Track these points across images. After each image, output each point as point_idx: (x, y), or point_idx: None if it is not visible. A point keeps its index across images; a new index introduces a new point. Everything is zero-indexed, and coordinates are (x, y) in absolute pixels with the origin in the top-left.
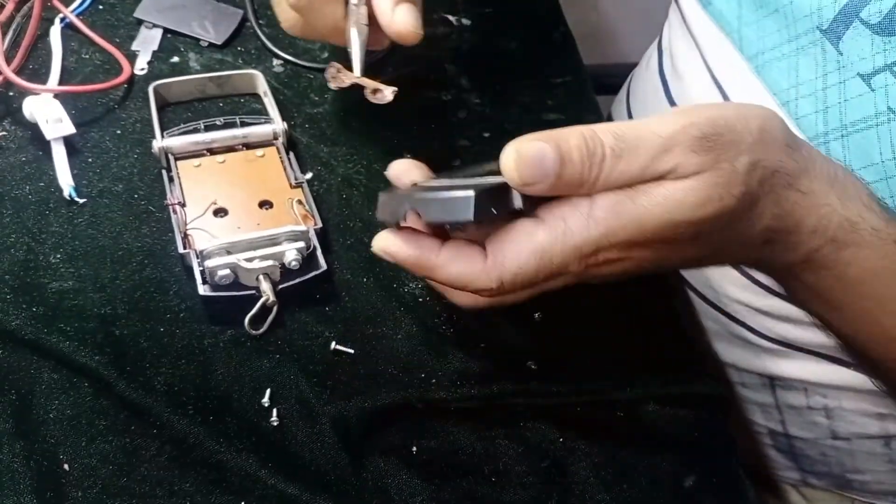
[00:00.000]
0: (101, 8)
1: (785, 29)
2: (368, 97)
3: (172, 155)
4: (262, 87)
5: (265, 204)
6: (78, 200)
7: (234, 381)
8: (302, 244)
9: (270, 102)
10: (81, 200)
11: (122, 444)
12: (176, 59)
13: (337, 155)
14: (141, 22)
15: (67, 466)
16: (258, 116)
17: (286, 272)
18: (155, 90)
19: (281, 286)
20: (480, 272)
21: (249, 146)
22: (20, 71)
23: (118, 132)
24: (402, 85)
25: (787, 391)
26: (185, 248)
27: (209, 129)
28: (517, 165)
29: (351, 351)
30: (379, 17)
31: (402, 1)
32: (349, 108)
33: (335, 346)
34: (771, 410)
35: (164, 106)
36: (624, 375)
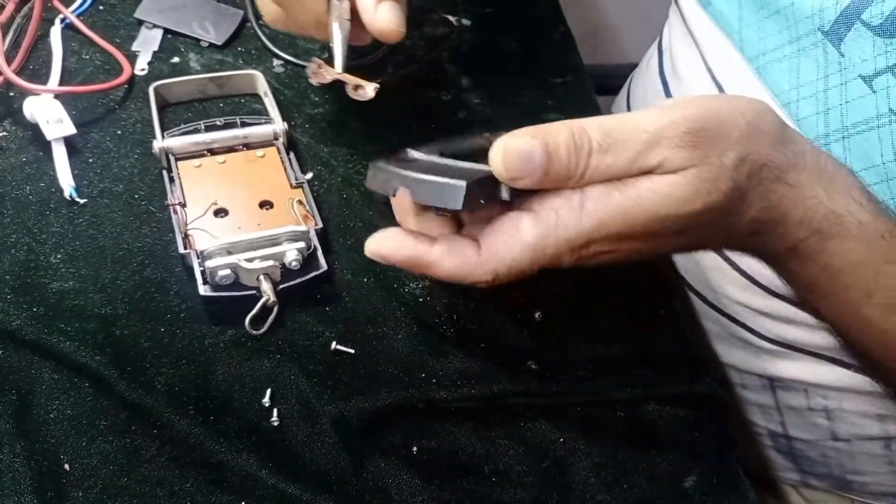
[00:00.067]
0: (101, 8)
1: (786, 30)
2: (350, 93)
3: (173, 155)
4: (262, 87)
5: (265, 204)
6: (78, 201)
7: (234, 381)
8: (302, 244)
9: (271, 103)
10: (82, 201)
11: (122, 444)
12: (176, 59)
13: (337, 155)
14: (141, 22)
15: (68, 466)
16: (258, 117)
17: (286, 272)
18: (155, 90)
19: (281, 286)
20: (475, 266)
21: (250, 146)
22: (21, 71)
23: (119, 132)
24: (402, 85)
25: (787, 392)
26: (185, 248)
27: (209, 129)
28: (504, 160)
29: (351, 351)
30: (362, 13)
31: None
32: (349, 108)
33: (336, 346)
34: (771, 412)
35: (164, 106)
36: (624, 375)
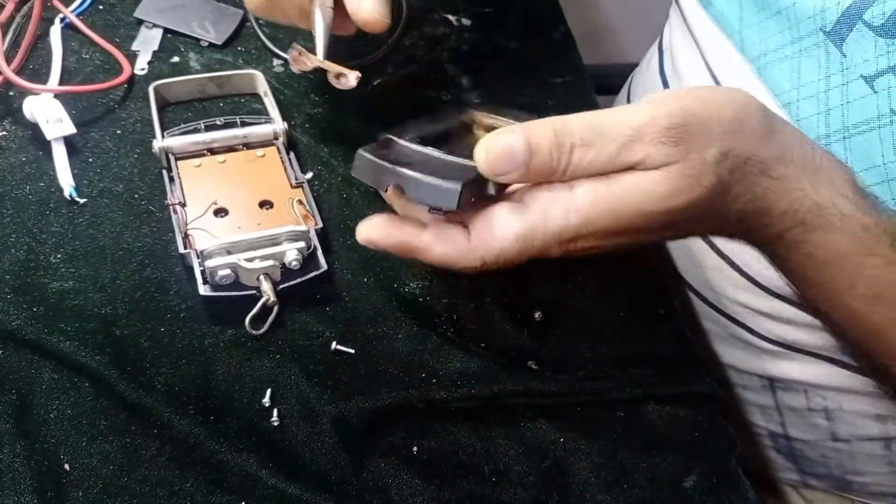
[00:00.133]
0: (101, 8)
1: (788, 30)
2: (332, 82)
3: (173, 155)
4: (262, 87)
5: (265, 204)
6: (78, 200)
7: (234, 381)
8: (302, 244)
9: (270, 102)
10: (82, 200)
11: (122, 444)
12: (176, 59)
13: (337, 155)
14: (141, 22)
15: (68, 466)
16: (258, 116)
17: (286, 272)
18: (155, 90)
19: (281, 286)
20: (465, 253)
21: (250, 146)
22: (20, 71)
23: (118, 132)
24: (402, 85)
25: (787, 393)
26: (185, 248)
27: (209, 129)
28: (488, 158)
29: (351, 351)
30: (346, 2)
31: None
32: (349, 108)
33: (336, 346)
34: (771, 412)
35: (164, 106)
36: (624, 375)
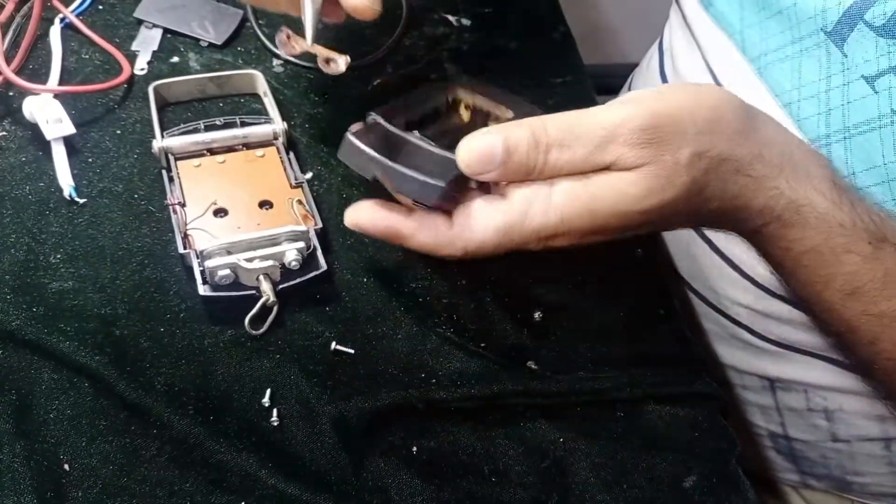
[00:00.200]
0: (101, 8)
1: (789, 31)
2: (322, 67)
3: (172, 155)
4: (262, 87)
5: (265, 204)
6: (78, 200)
7: (234, 381)
8: (302, 244)
9: (270, 102)
10: (81, 200)
11: (122, 444)
12: (176, 59)
13: (337, 155)
14: (141, 22)
15: (68, 466)
16: (258, 116)
17: (286, 272)
18: (155, 90)
19: (281, 286)
20: (447, 241)
21: (249, 146)
22: (20, 71)
23: (118, 132)
24: (402, 85)
25: (787, 393)
26: (185, 248)
27: (209, 129)
28: (468, 158)
29: (351, 351)
30: None
31: None
32: (349, 107)
33: (335, 346)
34: (771, 412)
35: (164, 106)
36: (624, 375)
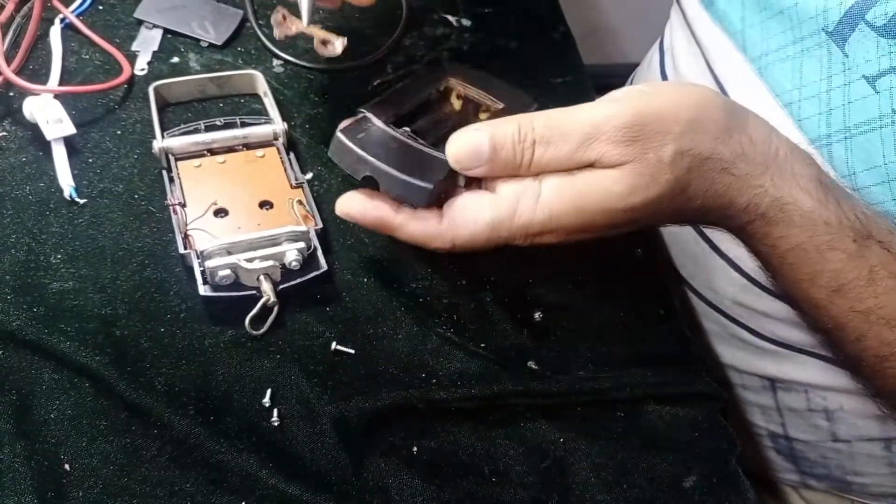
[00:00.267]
0: (101, 8)
1: (790, 30)
2: (318, 49)
3: (173, 155)
4: (262, 87)
5: (265, 204)
6: (78, 201)
7: (234, 381)
8: (302, 244)
9: (270, 103)
10: (82, 201)
11: (122, 444)
12: (176, 59)
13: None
14: (141, 22)
15: (68, 466)
16: (258, 117)
17: (287, 272)
18: (155, 90)
19: (281, 286)
20: (436, 234)
21: (250, 146)
22: (20, 71)
23: (118, 132)
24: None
25: (787, 393)
26: (185, 248)
27: (209, 129)
28: (456, 155)
29: (351, 351)
30: None
31: None
32: (349, 107)
33: (336, 346)
34: (771, 412)
35: (164, 106)
36: (624, 375)
